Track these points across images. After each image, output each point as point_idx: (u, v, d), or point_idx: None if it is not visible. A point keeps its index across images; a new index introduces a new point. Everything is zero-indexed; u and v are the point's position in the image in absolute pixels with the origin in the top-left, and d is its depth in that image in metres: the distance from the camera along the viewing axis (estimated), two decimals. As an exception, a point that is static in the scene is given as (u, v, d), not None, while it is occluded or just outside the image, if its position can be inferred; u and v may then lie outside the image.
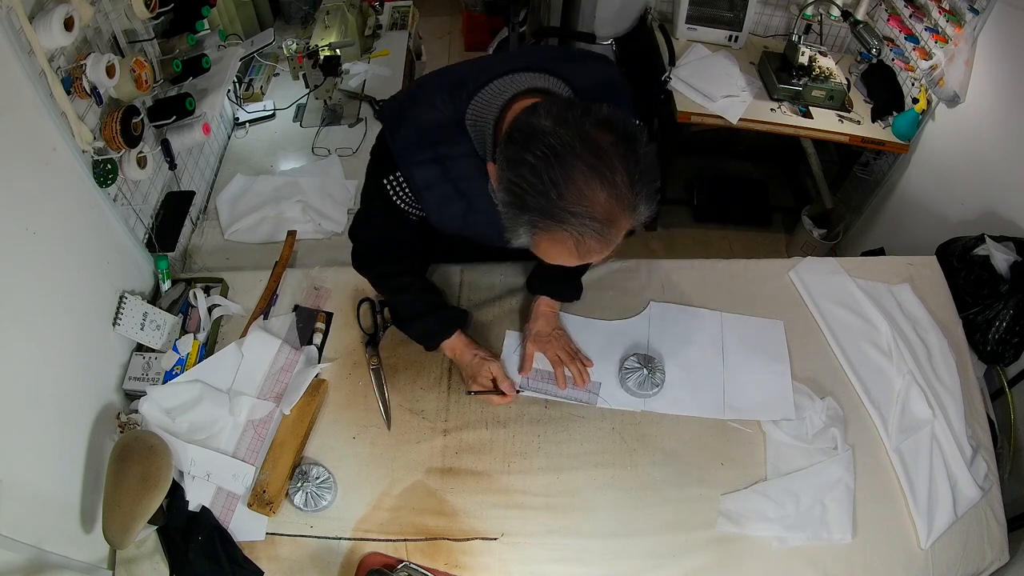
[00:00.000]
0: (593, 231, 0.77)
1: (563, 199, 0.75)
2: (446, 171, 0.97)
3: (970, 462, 1.26)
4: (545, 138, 0.76)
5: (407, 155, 0.98)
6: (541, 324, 1.34)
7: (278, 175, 1.98)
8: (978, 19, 1.78)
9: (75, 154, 1.23)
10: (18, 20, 1.07)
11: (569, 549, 1.17)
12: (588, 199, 0.75)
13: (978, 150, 1.85)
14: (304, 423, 1.26)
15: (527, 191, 0.77)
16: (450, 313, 1.31)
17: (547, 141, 0.76)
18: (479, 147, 0.94)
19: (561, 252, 0.81)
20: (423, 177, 0.98)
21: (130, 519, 1.06)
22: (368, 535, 1.18)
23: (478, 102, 0.93)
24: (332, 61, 2.06)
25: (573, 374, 1.31)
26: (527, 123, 0.79)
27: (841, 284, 1.49)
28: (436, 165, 0.97)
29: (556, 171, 0.75)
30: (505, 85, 0.93)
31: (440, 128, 0.95)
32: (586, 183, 0.75)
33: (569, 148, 0.75)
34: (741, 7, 2.44)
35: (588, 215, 0.75)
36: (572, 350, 1.34)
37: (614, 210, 0.76)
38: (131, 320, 1.32)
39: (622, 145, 0.76)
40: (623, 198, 0.76)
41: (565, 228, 0.77)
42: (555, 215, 0.76)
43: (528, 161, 0.76)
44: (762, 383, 1.34)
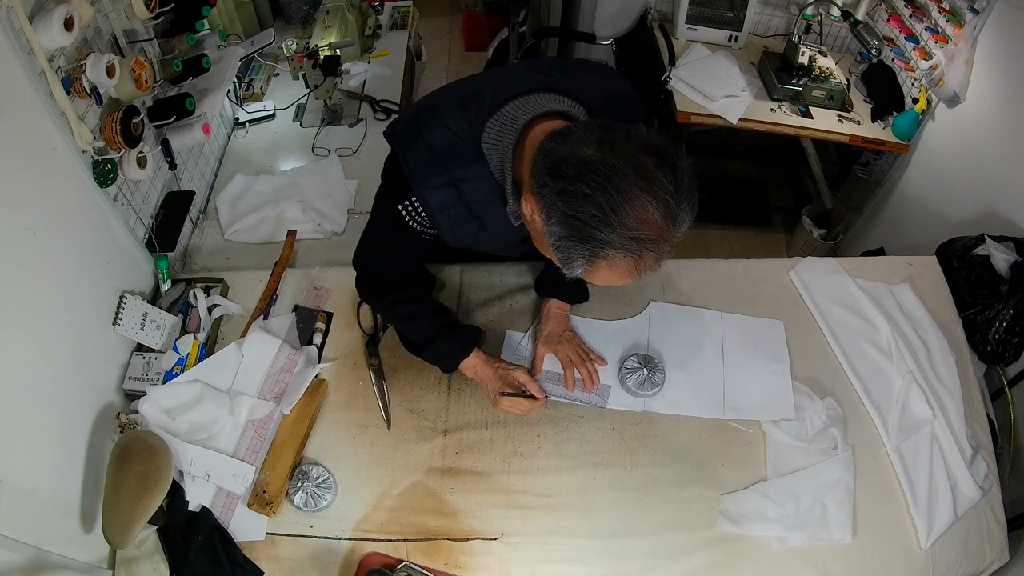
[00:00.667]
0: (652, 252, 0.80)
1: (624, 227, 0.77)
2: (460, 194, 0.98)
3: (970, 462, 1.26)
4: (596, 167, 0.77)
5: (421, 178, 0.97)
6: (552, 325, 1.35)
7: (278, 175, 1.98)
8: (978, 19, 1.78)
9: (75, 154, 1.23)
10: (18, 20, 1.07)
11: (569, 549, 1.17)
12: (647, 223, 0.77)
13: (978, 150, 1.85)
14: (304, 423, 1.26)
15: (587, 223, 0.78)
16: (465, 332, 1.28)
17: (599, 170, 0.77)
18: (496, 171, 0.95)
19: (621, 275, 0.83)
20: (437, 200, 0.98)
21: (130, 519, 1.06)
22: (368, 535, 1.18)
23: (495, 125, 0.94)
24: (332, 61, 2.06)
25: (583, 376, 1.31)
26: (572, 153, 0.80)
27: (841, 284, 1.49)
28: (451, 188, 0.97)
29: (614, 199, 0.76)
30: (521, 107, 0.93)
31: (454, 150, 0.95)
32: (643, 208, 0.77)
33: (623, 175, 0.76)
34: (741, 7, 2.44)
35: (648, 238, 0.78)
36: (583, 351, 1.34)
37: (668, 229, 0.79)
38: (131, 320, 1.32)
39: (666, 165, 0.78)
40: (674, 216, 0.79)
41: (627, 254, 0.79)
42: (617, 244, 0.78)
43: (584, 193, 0.77)
44: (762, 383, 1.34)
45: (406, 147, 0.99)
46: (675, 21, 2.52)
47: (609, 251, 0.79)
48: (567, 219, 0.80)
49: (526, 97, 0.94)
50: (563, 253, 0.83)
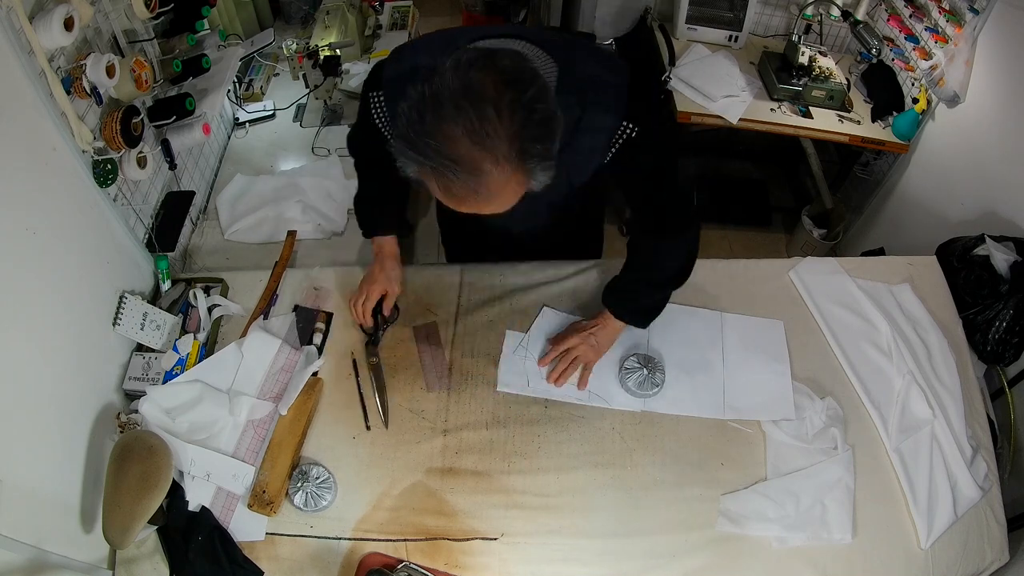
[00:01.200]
0: (457, 177, 0.77)
1: (430, 137, 0.76)
2: None
3: (970, 462, 1.26)
4: (434, 78, 0.77)
5: (394, 85, 1.03)
6: (593, 321, 1.33)
7: (278, 175, 1.98)
8: (978, 19, 1.78)
9: (75, 154, 1.23)
10: (18, 20, 1.07)
11: (569, 549, 1.17)
12: (453, 142, 0.76)
13: (978, 150, 1.85)
14: (301, 422, 1.26)
15: (403, 122, 0.78)
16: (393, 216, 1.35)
17: (434, 81, 0.77)
18: None
19: (437, 191, 0.82)
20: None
21: (130, 519, 1.06)
22: (368, 535, 1.18)
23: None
24: (332, 61, 2.06)
25: (556, 367, 1.31)
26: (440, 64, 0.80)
27: (841, 284, 1.49)
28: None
29: (428, 108, 0.76)
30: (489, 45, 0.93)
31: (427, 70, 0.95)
32: (451, 126, 0.75)
33: (446, 90, 0.76)
34: (741, 7, 2.44)
35: (452, 158, 0.76)
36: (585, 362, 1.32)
37: (481, 159, 0.76)
38: (131, 320, 1.32)
39: (506, 95, 0.76)
40: (492, 149, 0.76)
41: (431, 166, 0.77)
42: (423, 151, 0.77)
43: (411, 96, 0.78)
44: (762, 383, 1.34)
45: (393, 57, 1.05)
46: (675, 21, 2.52)
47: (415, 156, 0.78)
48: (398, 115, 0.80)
49: (502, 40, 0.95)
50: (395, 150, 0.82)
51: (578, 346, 1.31)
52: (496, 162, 0.77)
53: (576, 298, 1.45)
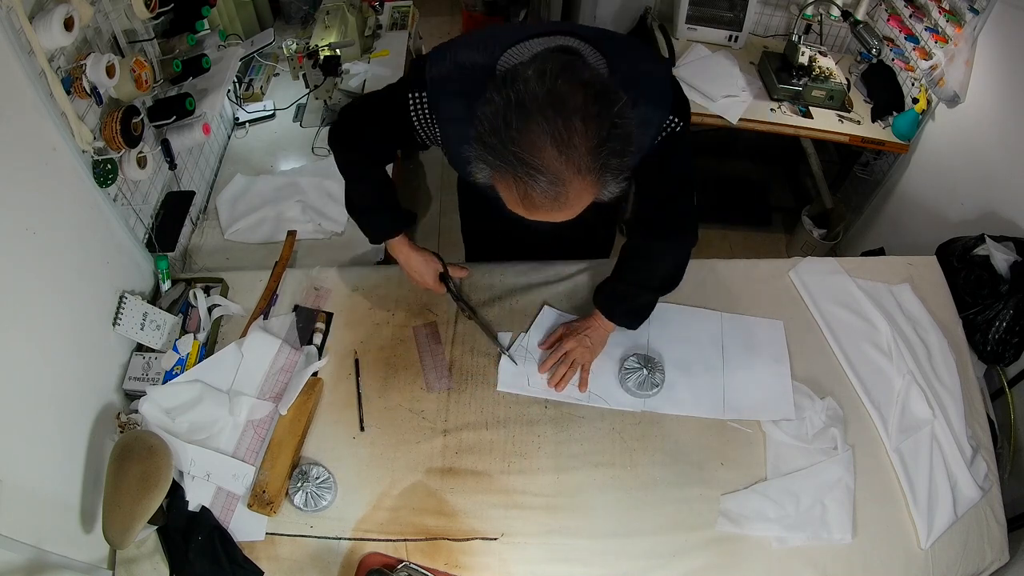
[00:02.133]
0: (539, 184, 0.77)
1: (515, 144, 0.76)
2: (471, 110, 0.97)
3: (970, 462, 1.26)
4: (518, 84, 0.77)
5: (440, 84, 1.00)
6: (586, 323, 1.34)
7: (278, 175, 1.97)
8: (978, 19, 1.78)
9: (75, 154, 1.23)
10: (18, 20, 1.07)
11: (569, 549, 1.17)
12: (538, 148, 0.75)
13: (978, 150, 1.85)
14: (301, 422, 1.26)
15: (487, 129, 0.78)
16: (401, 214, 1.32)
17: (518, 88, 0.76)
18: None
19: (510, 197, 0.82)
20: (449, 109, 1.01)
21: (130, 519, 1.06)
22: (368, 535, 1.18)
23: (511, 53, 0.95)
24: (332, 61, 2.06)
25: (555, 372, 1.31)
26: (515, 68, 0.80)
27: (841, 284, 1.49)
28: (462, 100, 0.98)
29: (514, 116, 0.76)
30: (541, 43, 0.94)
31: (475, 69, 0.97)
32: (538, 135, 0.75)
33: (533, 98, 0.76)
34: (741, 7, 2.44)
35: (535, 167, 0.76)
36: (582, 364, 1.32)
37: (563, 170, 0.76)
38: (131, 320, 1.32)
39: (593, 108, 0.76)
40: (576, 160, 0.76)
41: (512, 173, 0.77)
42: (505, 158, 0.77)
43: (495, 100, 0.78)
44: (762, 383, 1.34)
45: (436, 58, 1.01)
46: (675, 21, 2.52)
47: (497, 163, 0.78)
48: (477, 119, 0.80)
49: (551, 37, 0.94)
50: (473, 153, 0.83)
51: (574, 348, 1.32)
52: (579, 172, 0.77)
53: (575, 298, 1.45)
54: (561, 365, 1.32)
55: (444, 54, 1.01)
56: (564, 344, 1.33)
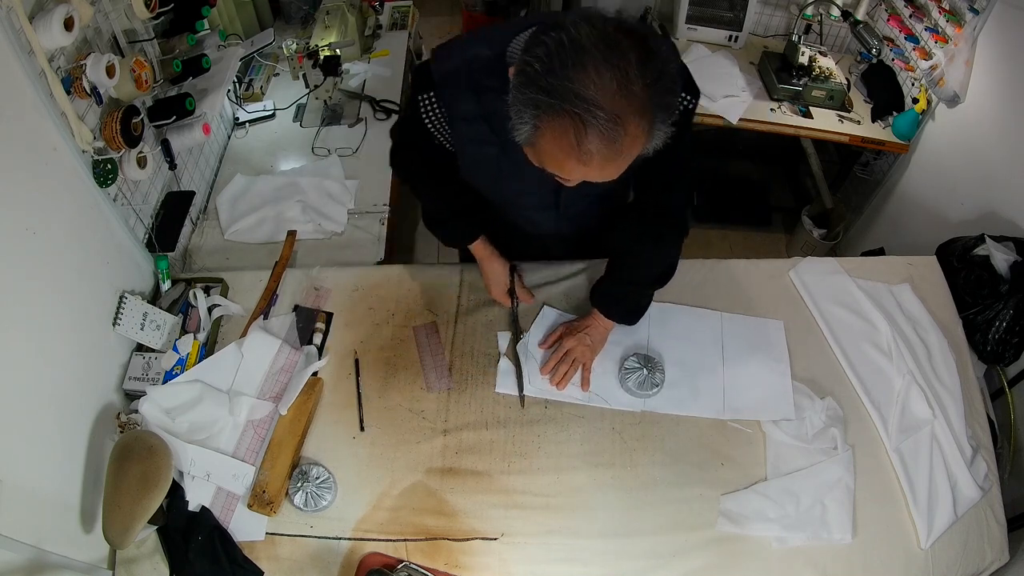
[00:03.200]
0: (598, 120, 0.73)
1: (572, 81, 0.72)
2: (482, 105, 0.96)
3: (970, 462, 1.26)
4: (566, 28, 0.74)
5: (446, 80, 0.97)
6: (585, 323, 1.34)
7: (278, 175, 1.97)
8: (978, 19, 1.78)
9: (75, 154, 1.23)
10: (18, 20, 1.07)
11: (569, 549, 1.17)
12: (597, 85, 0.72)
13: (978, 150, 1.85)
14: (301, 422, 1.26)
15: (538, 70, 0.74)
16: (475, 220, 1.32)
17: (568, 31, 0.74)
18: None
19: (562, 145, 0.77)
20: (458, 107, 0.99)
21: (130, 519, 1.06)
22: (368, 535, 1.18)
23: (519, 40, 0.92)
24: (332, 61, 2.06)
25: (558, 371, 1.31)
26: (554, 19, 0.77)
27: (841, 284, 1.49)
28: (473, 96, 0.96)
29: (569, 54, 0.73)
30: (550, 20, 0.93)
31: (484, 61, 0.95)
32: (596, 70, 0.72)
33: (587, 38, 0.73)
34: (741, 7, 2.44)
35: (595, 102, 0.72)
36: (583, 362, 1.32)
37: (623, 105, 0.73)
38: (131, 320, 1.32)
39: (641, 50, 0.74)
40: (635, 96, 0.74)
41: (569, 111, 0.73)
42: (562, 94, 0.73)
43: (544, 42, 0.75)
44: (762, 383, 1.34)
45: (441, 56, 0.99)
46: (675, 21, 2.52)
47: (552, 102, 0.74)
48: (522, 65, 0.76)
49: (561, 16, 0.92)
50: (513, 107, 0.79)
51: (575, 348, 1.32)
52: (638, 114, 0.75)
53: (575, 298, 1.45)
54: (562, 364, 1.32)
55: (448, 52, 0.99)
56: (564, 343, 1.33)
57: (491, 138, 1.00)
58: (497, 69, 0.93)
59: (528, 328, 1.40)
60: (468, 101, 0.97)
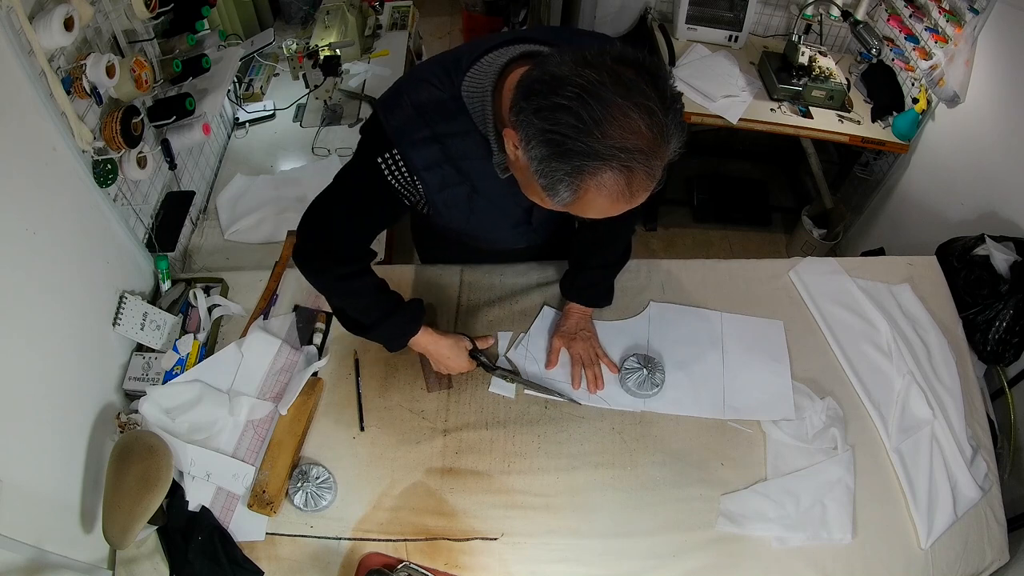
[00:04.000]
0: (641, 164, 0.74)
1: (608, 136, 0.72)
2: (446, 150, 0.94)
3: (970, 462, 1.26)
4: (571, 79, 0.73)
5: (404, 134, 0.94)
6: (571, 322, 1.36)
7: (278, 175, 1.98)
8: (978, 19, 1.78)
9: (75, 154, 1.23)
10: (18, 20, 1.07)
11: (569, 549, 1.17)
12: (632, 131, 0.73)
13: (978, 150, 1.85)
14: (301, 422, 1.26)
15: (568, 135, 0.73)
16: (414, 309, 1.22)
17: (576, 83, 0.73)
18: (479, 122, 0.92)
19: (611, 195, 0.77)
20: (422, 158, 0.95)
21: (130, 519, 1.06)
22: (368, 535, 1.18)
23: (473, 75, 0.91)
24: (332, 61, 2.06)
25: (588, 378, 1.32)
26: (545, 72, 0.75)
27: (841, 284, 1.49)
28: (435, 144, 0.94)
29: (595, 109, 0.72)
30: (499, 55, 0.91)
31: (437, 105, 0.93)
32: (625, 116, 0.72)
33: (600, 84, 0.72)
34: (741, 7, 2.44)
35: (636, 148, 0.73)
36: (596, 353, 1.35)
37: (656, 140, 0.74)
38: (131, 320, 1.32)
39: (645, 75, 0.74)
40: (661, 125, 0.74)
41: (614, 166, 0.74)
42: (602, 154, 0.73)
43: (563, 105, 0.72)
44: (762, 383, 1.34)
45: (388, 107, 0.95)
46: (675, 21, 2.52)
47: (595, 164, 0.74)
48: (546, 135, 0.74)
49: (506, 48, 0.91)
50: (547, 178, 0.77)
51: (583, 348, 1.33)
52: (667, 141, 0.76)
53: (576, 298, 1.45)
54: (587, 369, 1.32)
55: (396, 102, 0.95)
56: (572, 351, 1.34)
57: (458, 179, 0.98)
58: (451, 110, 0.92)
59: (528, 328, 1.40)
60: (429, 149, 0.94)
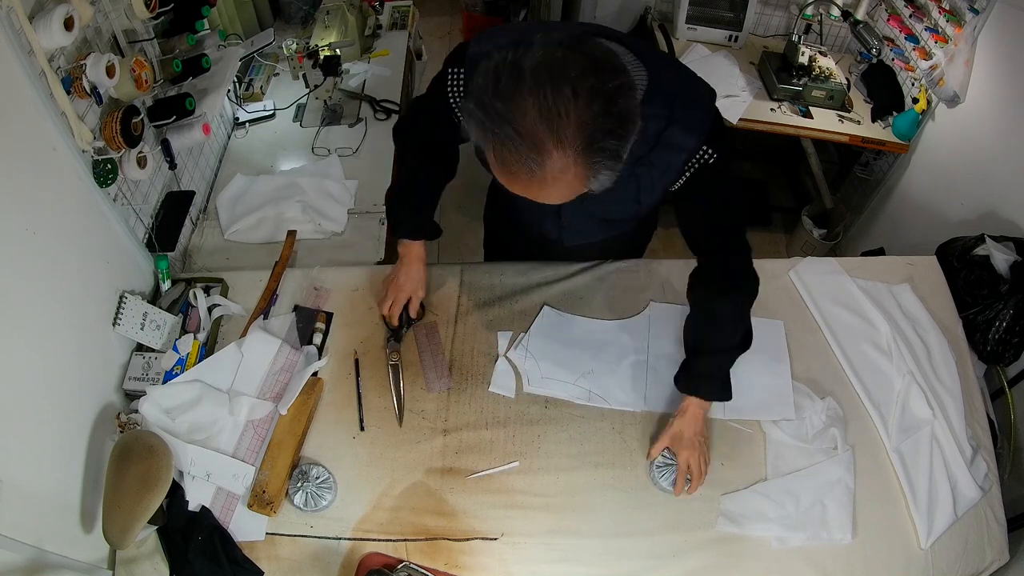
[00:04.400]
0: (517, 150, 0.74)
1: (500, 103, 0.74)
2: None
3: (970, 462, 1.26)
4: (522, 48, 0.75)
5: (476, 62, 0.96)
6: (685, 424, 1.22)
7: (278, 175, 1.97)
8: (978, 19, 1.78)
9: (75, 154, 1.23)
10: (18, 20, 1.06)
11: (569, 549, 1.17)
12: (521, 114, 0.73)
13: (978, 150, 1.85)
14: (301, 422, 1.26)
15: (479, 84, 0.76)
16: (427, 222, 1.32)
17: (519, 50, 0.75)
18: None
19: (491, 159, 0.79)
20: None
21: (130, 519, 1.06)
22: (368, 535, 1.18)
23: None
24: (332, 61, 2.06)
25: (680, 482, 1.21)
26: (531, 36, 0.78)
27: (841, 284, 1.49)
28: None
29: (505, 75, 0.74)
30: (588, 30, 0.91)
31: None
32: (524, 97, 0.73)
33: (529, 61, 0.74)
34: (741, 7, 2.44)
35: (516, 130, 0.73)
36: (703, 465, 1.21)
37: (545, 139, 0.73)
38: (131, 320, 1.32)
39: (588, 80, 0.73)
40: (560, 131, 0.73)
41: (493, 133, 0.75)
42: (488, 116, 0.75)
43: (494, 57, 0.76)
44: (762, 383, 1.34)
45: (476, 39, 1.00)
46: (675, 21, 2.52)
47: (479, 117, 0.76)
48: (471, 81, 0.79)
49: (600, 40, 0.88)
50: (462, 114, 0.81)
51: (693, 457, 1.20)
52: (560, 144, 0.74)
53: (575, 298, 1.45)
54: (694, 480, 1.20)
55: (486, 36, 1.00)
56: (680, 457, 1.21)
57: None
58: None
59: (528, 328, 1.40)
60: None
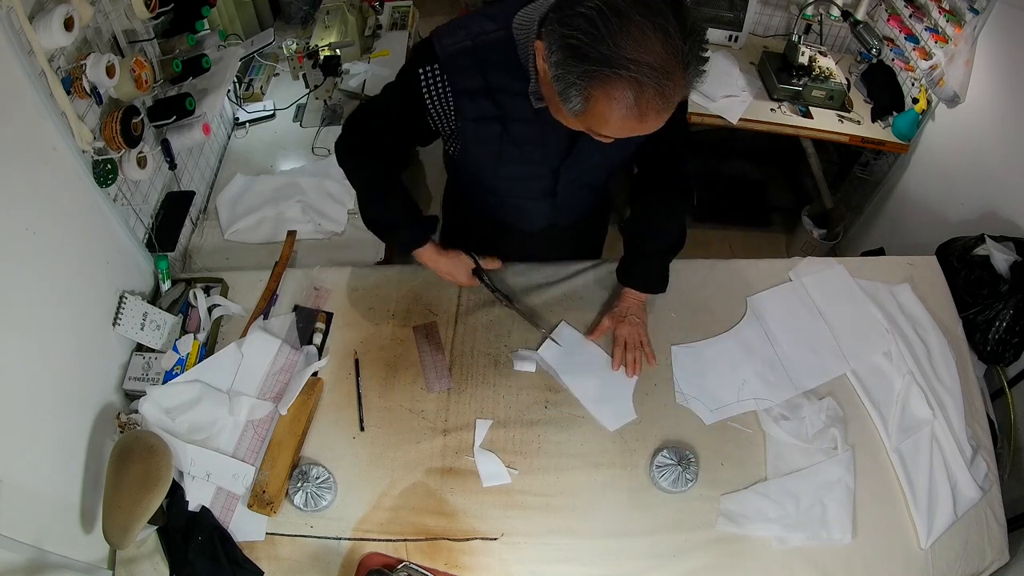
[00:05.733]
0: (652, 80, 0.78)
1: (620, 47, 0.77)
2: (488, 80, 0.99)
3: (970, 462, 1.26)
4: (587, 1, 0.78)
5: (454, 56, 0.99)
6: (624, 305, 1.37)
7: (278, 175, 1.98)
8: (978, 19, 1.78)
9: (75, 154, 1.23)
10: (18, 20, 1.07)
11: (569, 549, 1.17)
12: (645, 48, 0.77)
13: (978, 150, 1.85)
14: (301, 422, 1.26)
15: (583, 42, 0.78)
16: (427, 223, 1.31)
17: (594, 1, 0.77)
18: (522, 53, 0.96)
19: (619, 108, 0.81)
20: (465, 83, 1.00)
21: (130, 519, 1.06)
22: (368, 535, 1.18)
23: (528, 10, 0.95)
24: (332, 61, 2.06)
25: (628, 361, 1.33)
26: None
27: (841, 284, 1.49)
28: (480, 72, 0.98)
29: (612, 21, 0.76)
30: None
31: (490, 36, 0.97)
32: (641, 33, 0.77)
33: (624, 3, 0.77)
34: (741, 7, 2.44)
35: (646, 63, 0.77)
36: (642, 339, 1.36)
37: (671, 61, 0.78)
38: (131, 320, 1.32)
39: (673, 6, 0.79)
40: (678, 50, 0.78)
41: (623, 76, 0.78)
42: (613, 62, 0.77)
43: (582, 13, 0.78)
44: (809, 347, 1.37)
45: (445, 32, 1.00)
46: (675, 21, 2.52)
47: (605, 72, 0.78)
48: (564, 41, 0.80)
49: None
50: (560, 83, 0.83)
51: (630, 332, 1.35)
52: (682, 67, 0.80)
53: (574, 299, 1.45)
54: (628, 352, 1.34)
55: (453, 28, 1.00)
56: (617, 332, 1.36)
57: (495, 113, 1.03)
58: (503, 43, 0.96)
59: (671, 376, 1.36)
60: (474, 77, 0.99)
